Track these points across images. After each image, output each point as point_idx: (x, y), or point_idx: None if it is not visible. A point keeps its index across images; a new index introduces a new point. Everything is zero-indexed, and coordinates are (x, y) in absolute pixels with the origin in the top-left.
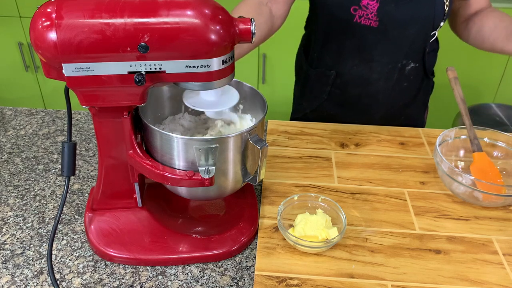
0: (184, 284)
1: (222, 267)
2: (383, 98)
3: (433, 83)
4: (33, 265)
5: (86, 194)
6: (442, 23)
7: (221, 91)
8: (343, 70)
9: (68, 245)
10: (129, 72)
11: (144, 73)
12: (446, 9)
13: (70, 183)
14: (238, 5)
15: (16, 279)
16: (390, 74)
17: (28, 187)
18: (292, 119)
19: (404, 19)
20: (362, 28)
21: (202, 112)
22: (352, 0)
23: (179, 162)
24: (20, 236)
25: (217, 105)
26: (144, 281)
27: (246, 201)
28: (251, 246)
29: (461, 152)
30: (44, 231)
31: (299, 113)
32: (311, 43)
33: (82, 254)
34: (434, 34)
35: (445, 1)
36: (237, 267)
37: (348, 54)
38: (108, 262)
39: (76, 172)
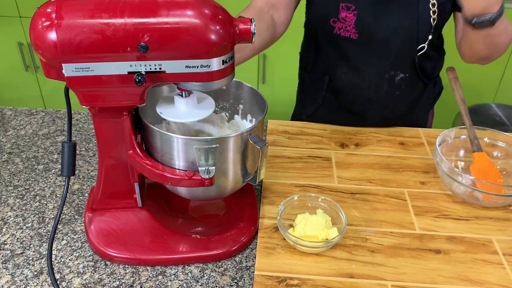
0: (184, 284)
1: (222, 267)
2: (377, 105)
3: (441, 88)
4: (33, 265)
5: (86, 194)
6: (430, 36)
7: (195, 100)
8: (335, 76)
9: (68, 245)
10: (129, 72)
11: (144, 73)
12: (433, 23)
13: (70, 183)
14: (240, 13)
15: (16, 279)
16: (379, 84)
17: (28, 187)
18: None
19: (383, 33)
20: (343, 40)
21: None
22: (331, 12)
23: (179, 162)
24: (20, 236)
25: (192, 115)
26: (144, 281)
27: (246, 201)
28: (251, 246)
29: (461, 152)
30: (44, 231)
31: (296, 117)
32: (306, 48)
33: (82, 254)
34: (424, 47)
35: (431, 14)
36: (237, 267)
37: (336, 62)
38: (108, 262)
39: (76, 172)
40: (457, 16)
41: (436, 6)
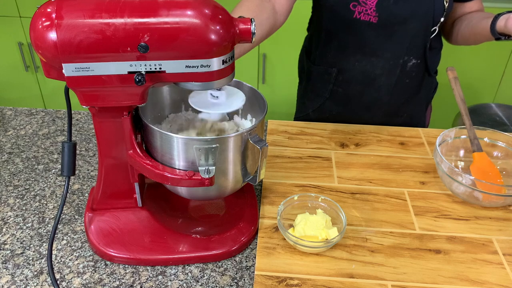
0: (184, 284)
1: (222, 267)
2: (385, 95)
3: (437, 83)
4: (33, 265)
5: (86, 194)
6: (442, 19)
7: (226, 93)
8: (345, 66)
9: (68, 245)
10: (129, 72)
11: (144, 73)
12: (446, 5)
13: (70, 183)
14: (241, 1)
15: (16, 279)
16: (392, 70)
17: (28, 187)
18: (295, 119)
19: (403, 14)
20: (362, 24)
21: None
22: None
23: (179, 162)
24: (20, 236)
25: (221, 107)
26: (144, 281)
27: (246, 201)
28: (251, 246)
29: (461, 152)
30: (44, 231)
31: (302, 112)
32: (313, 42)
33: (82, 254)
34: (435, 30)
35: None
36: (237, 267)
37: (350, 50)
38: (108, 262)
39: (76, 172)
40: (461, 9)
41: None
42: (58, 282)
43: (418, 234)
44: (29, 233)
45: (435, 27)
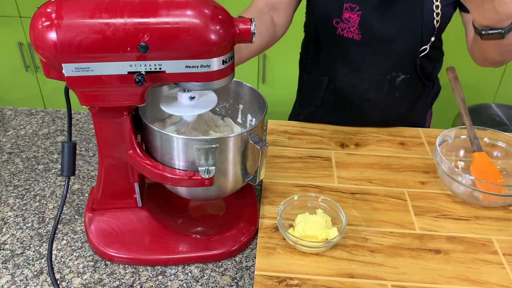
0: (184, 284)
1: (222, 267)
2: (376, 106)
3: (439, 88)
4: (33, 265)
5: (86, 194)
6: (433, 38)
7: (198, 94)
8: (334, 77)
9: (68, 245)
10: (129, 72)
11: (144, 73)
12: (437, 24)
13: (70, 183)
14: (240, 14)
15: (16, 279)
16: (380, 85)
17: (28, 187)
18: None
19: (387, 34)
20: (346, 40)
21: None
22: (334, 12)
23: (179, 162)
24: (20, 236)
25: (193, 109)
26: (144, 281)
27: (246, 201)
28: (251, 246)
29: (461, 152)
30: (44, 231)
31: (293, 118)
32: (305, 49)
33: (82, 254)
34: (426, 48)
35: (435, 16)
36: (237, 267)
37: (337, 63)
38: (108, 262)
39: (76, 172)
40: (465, 19)
41: (439, 8)
42: (58, 282)
43: (418, 234)
44: (29, 233)
45: (425, 46)
